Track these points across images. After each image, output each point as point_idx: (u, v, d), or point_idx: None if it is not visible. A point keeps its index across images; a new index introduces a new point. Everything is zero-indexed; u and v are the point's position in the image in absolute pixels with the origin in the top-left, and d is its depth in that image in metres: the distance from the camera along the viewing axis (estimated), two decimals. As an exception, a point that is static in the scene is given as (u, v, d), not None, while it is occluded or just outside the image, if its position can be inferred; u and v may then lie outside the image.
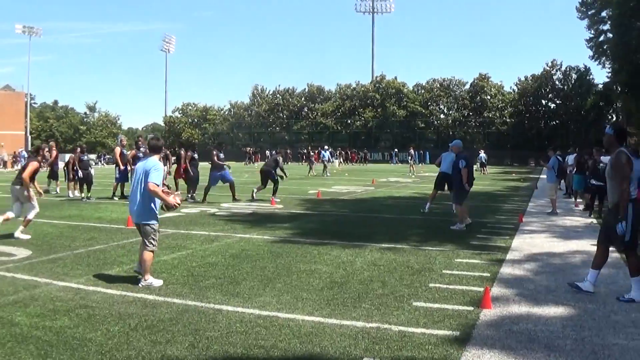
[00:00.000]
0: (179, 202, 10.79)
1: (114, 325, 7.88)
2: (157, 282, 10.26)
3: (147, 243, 10.40)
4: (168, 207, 10.52)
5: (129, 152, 26.58)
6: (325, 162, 51.98)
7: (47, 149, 21.84)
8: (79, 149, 28.49)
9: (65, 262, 12.11)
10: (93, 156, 66.03)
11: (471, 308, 8.81)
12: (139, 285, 10.10)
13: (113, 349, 6.99)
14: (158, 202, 10.49)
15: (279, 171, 27.17)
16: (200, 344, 7.17)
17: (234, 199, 25.60)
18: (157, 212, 10.55)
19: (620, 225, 9.36)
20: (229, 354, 6.89)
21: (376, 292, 9.75)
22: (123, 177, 26.33)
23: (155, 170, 10.29)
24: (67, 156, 32.16)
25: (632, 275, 9.50)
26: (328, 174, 51.67)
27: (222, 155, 26.29)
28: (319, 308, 8.77)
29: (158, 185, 10.30)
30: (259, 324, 7.95)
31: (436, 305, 8.94)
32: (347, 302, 9.09)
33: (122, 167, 26.01)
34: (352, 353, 6.89)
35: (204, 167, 27.31)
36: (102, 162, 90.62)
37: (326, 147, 55.62)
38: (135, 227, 10.96)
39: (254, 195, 26.58)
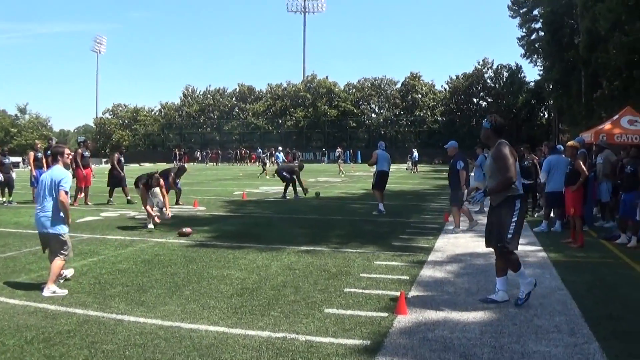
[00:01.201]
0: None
1: (10, 338, 7.52)
2: (62, 292, 9.84)
3: (60, 252, 10.08)
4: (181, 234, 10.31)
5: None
6: (280, 163, 50.29)
7: None
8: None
9: (-27, 270, 11.60)
10: (16, 159, 64.71)
11: (385, 314, 8.53)
12: (42, 294, 9.69)
13: (4, 364, 6.57)
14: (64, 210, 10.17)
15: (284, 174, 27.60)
16: (95, 359, 6.80)
17: (108, 202, 25.32)
18: (64, 222, 10.23)
19: (480, 194, 9.24)
20: (122, 370, 6.50)
21: (287, 299, 9.44)
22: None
23: (66, 182, 10.08)
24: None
25: (498, 275, 9.34)
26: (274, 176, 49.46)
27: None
28: (225, 317, 8.43)
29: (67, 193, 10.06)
30: (160, 336, 7.59)
31: (349, 312, 8.65)
32: (256, 310, 8.76)
33: (34, 172, 25.23)
34: (252, 367, 6.54)
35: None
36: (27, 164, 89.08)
37: (280, 147, 54.48)
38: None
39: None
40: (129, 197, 25.52)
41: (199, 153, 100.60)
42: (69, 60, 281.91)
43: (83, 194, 25.63)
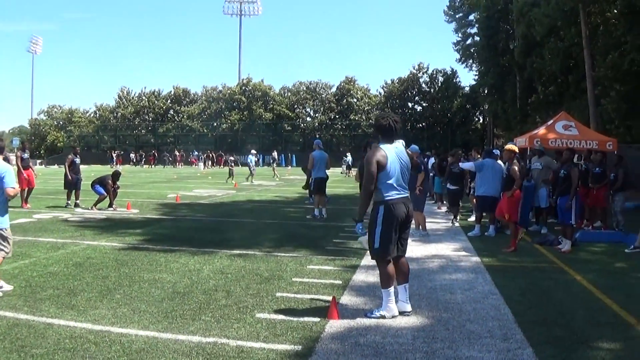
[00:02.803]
0: None
1: (-64, 341, 7.33)
2: (7, 287, 9.86)
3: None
4: None
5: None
6: (251, 168, 48.81)
7: None
8: None
9: None
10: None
11: (317, 319, 8.54)
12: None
13: None
14: (7, 207, 10.12)
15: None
16: (24, 363, 6.69)
17: (66, 205, 24.76)
18: (7, 217, 10.11)
19: (358, 226, 9.03)
20: (50, 375, 6.45)
21: (219, 303, 9.43)
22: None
23: (9, 173, 9.91)
24: None
25: (383, 287, 8.85)
26: (253, 181, 46.56)
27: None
28: (156, 321, 8.40)
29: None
30: (90, 340, 7.53)
31: (280, 317, 8.68)
32: (187, 315, 8.75)
33: None
34: (182, 371, 6.54)
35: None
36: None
37: (253, 151, 53.47)
38: None
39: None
40: (77, 201, 24.81)
41: (133, 155, 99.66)
42: (4, 60, 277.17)
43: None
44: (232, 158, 54.71)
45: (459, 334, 7.95)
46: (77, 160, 25.44)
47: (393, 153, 8.68)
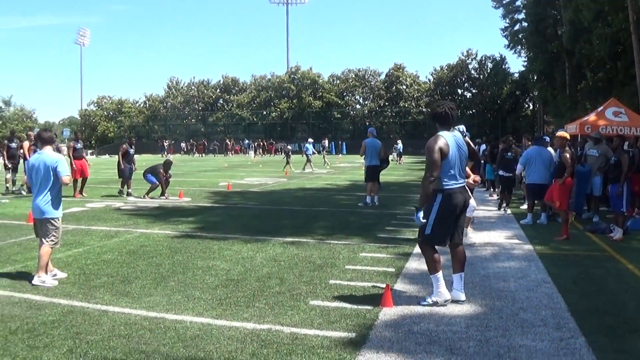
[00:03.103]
0: None
1: (-7, 329, 7.41)
2: (51, 283, 9.84)
3: (47, 239, 10.04)
4: None
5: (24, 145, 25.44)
6: (309, 156, 48.79)
7: None
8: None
9: (-43, 262, 11.55)
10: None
11: (371, 307, 8.48)
12: (31, 282, 9.71)
13: (-14, 355, 6.53)
14: (61, 196, 10.26)
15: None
16: (79, 349, 6.77)
17: (119, 193, 25.13)
18: (60, 207, 10.26)
19: (418, 214, 8.72)
20: (106, 361, 6.47)
21: (273, 290, 9.42)
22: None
23: (62, 164, 10.08)
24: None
25: (431, 273, 8.81)
26: (314, 168, 46.88)
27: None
28: (210, 308, 8.41)
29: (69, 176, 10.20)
30: (144, 327, 7.57)
31: (334, 304, 8.64)
32: (241, 302, 8.74)
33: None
34: (237, 358, 6.54)
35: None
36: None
37: (310, 139, 53.18)
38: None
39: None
40: (130, 190, 24.95)
41: (184, 144, 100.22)
42: (53, 53, 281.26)
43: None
44: (289, 147, 54.47)
45: (512, 323, 7.84)
46: (132, 150, 25.55)
47: (453, 141, 8.57)
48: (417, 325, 7.73)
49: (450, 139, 8.54)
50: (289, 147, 53.63)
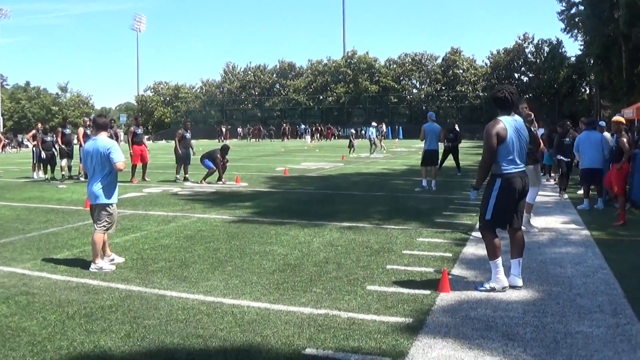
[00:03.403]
0: None
1: (51, 313, 7.54)
2: (109, 268, 9.92)
3: (99, 224, 10.11)
4: None
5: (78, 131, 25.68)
6: (372, 140, 48.59)
7: None
8: (41, 129, 27.42)
9: (16, 246, 11.74)
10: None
11: (428, 292, 8.41)
12: (89, 269, 9.78)
13: (46, 339, 6.64)
14: (116, 182, 10.37)
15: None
16: (137, 334, 6.81)
17: (176, 179, 25.13)
18: (115, 192, 10.34)
19: (472, 193, 9.02)
20: (164, 345, 6.51)
21: (330, 275, 9.39)
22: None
23: (115, 149, 10.16)
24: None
25: (490, 259, 8.73)
26: (374, 154, 46.39)
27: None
28: (267, 293, 8.41)
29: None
30: (202, 311, 7.59)
31: (391, 289, 8.58)
32: (298, 286, 8.73)
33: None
34: (294, 343, 6.51)
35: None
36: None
37: (374, 123, 52.91)
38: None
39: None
40: (187, 175, 25.14)
41: (240, 129, 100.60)
42: (109, 39, 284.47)
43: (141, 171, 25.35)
44: (352, 131, 54.27)
45: (569, 309, 7.72)
46: (188, 134, 25.67)
47: (512, 126, 8.47)
48: (474, 310, 7.66)
49: (509, 123, 8.45)
50: (352, 131, 53.53)
